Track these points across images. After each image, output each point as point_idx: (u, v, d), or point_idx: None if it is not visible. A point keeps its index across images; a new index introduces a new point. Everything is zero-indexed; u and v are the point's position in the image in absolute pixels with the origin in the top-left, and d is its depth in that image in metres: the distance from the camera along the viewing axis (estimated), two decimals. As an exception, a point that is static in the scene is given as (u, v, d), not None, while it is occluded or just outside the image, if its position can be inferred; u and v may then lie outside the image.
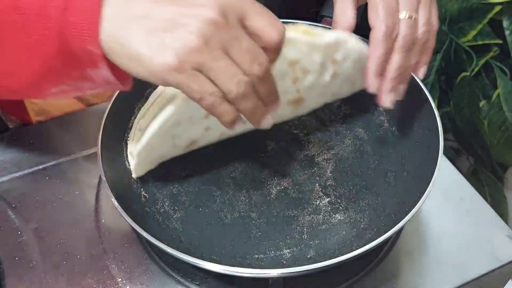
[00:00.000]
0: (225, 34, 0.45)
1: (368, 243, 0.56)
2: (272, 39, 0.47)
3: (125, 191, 0.66)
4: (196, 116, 0.61)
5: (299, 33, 0.59)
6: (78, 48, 0.46)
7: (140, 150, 0.61)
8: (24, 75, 0.49)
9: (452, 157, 1.47)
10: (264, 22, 0.47)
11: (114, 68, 0.47)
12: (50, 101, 0.87)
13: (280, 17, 0.84)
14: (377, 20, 0.57)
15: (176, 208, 0.67)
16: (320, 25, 0.83)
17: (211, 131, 0.65)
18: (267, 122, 0.53)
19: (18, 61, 0.48)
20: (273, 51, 0.49)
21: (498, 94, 1.27)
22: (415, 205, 0.58)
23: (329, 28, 0.82)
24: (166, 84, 0.46)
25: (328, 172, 0.71)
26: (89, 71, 0.48)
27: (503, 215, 1.36)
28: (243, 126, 0.59)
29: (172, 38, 0.43)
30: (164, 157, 0.68)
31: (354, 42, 0.62)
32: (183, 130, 0.62)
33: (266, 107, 0.51)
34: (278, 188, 0.69)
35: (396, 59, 0.59)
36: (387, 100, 0.61)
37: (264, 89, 0.49)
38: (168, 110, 0.57)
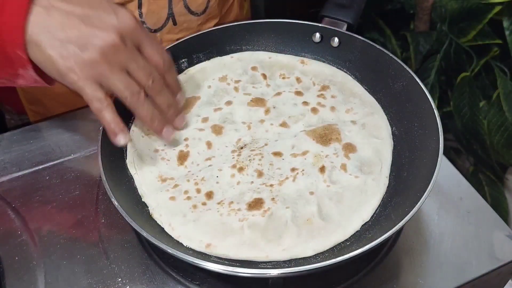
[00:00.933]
0: (123, 55, 0.58)
1: (368, 243, 0.56)
2: (160, 63, 0.63)
3: (125, 191, 0.66)
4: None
5: None
6: (10, 52, 0.57)
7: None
8: None
9: (452, 157, 1.47)
10: (154, 51, 0.62)
11: (39, 70, 0.60)
12: (43, 90, 0.87)
13: (280, 17, 0.84)
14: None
15: (176, 208, 0.67)
16: (321, 25, 0.83)
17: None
18: (168, 133, 0.67)
19: None
20: (161, 72, 0.64)
21: (498, 94, 1.27)
22: (415, 205, 0.58)
23: (330, 28, 0.83)
24: (69, 84, 0.58)
25: (328, 172, 0.71)
26: (21, 71, 0.60)
27: (503, 215, 1.36)
28: None
29: (76, 50, 0.56)
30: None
31: None
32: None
33: (165, 118, 0.66)
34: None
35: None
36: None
37: (161, 101, 0.65)
38: None
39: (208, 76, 0.81)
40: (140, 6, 0.81)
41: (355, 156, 0.70)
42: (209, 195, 0.66)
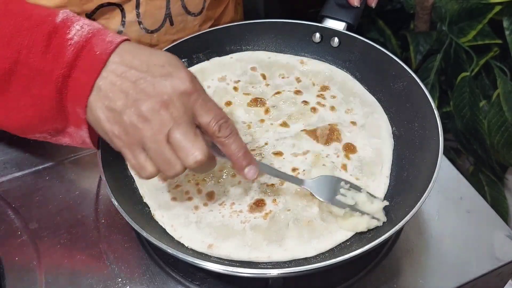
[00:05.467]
0: (165, 121, 0.54)
1: (368, 243, 0.56)
2: (214, 130, 0.57)
3: (125, 191, 0.66)
4: None
5: None
6: (69, 108, 0.57)
7: None
8: (19, 119, 0.60)
9: (452, 157, 1.47)
10: (208, 119, 0.56)
11: (91, 132, 0.59)
12: None
13: (280, 17, 0.84)
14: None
15: (176, 208, 0.67)
16: (321, 25, 0.83)
17: None
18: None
19: (17, 107, 0.58)
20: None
21: (498, 94, 1.27)
22: (415, 205, 0.58)
23: (330, 28, 0.83)
24: (114, 147, 0.57)
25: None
26: (71, 129, 0.60)
27: (503, 215, 1.36)
28: None
29: (119, 115, 0.55)
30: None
31: None
32: None
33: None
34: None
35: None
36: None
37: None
38: None
39: (208, 76, 0.81)
40: (137, 6, 0.80)
41: (356, 156, 0.70)
42: (211, 195, 0.66)
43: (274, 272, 0.56)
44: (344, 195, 0.64)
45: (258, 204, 0.64)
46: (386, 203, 0.63)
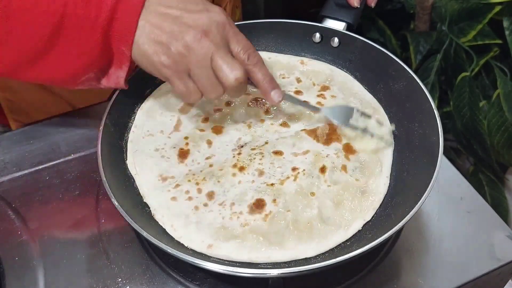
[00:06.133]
0: (207, 49, 0.62)
1: (368, 243, 0.56)
2: (243, 59, 0.64)
3: (125, 191, 0.66)
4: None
5: None
6: (114, 47, 0.62)
7: None
8: (69, 70, 0.64)
9: (452, 157, 1.47)
10: (240, 48, 0.64)
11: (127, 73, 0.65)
12: (26, 99, 0.88)
13: (280, 17, 0.84)
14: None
15: (176, 208, 0.67)
16: (321, 25, 0.83)
17: None
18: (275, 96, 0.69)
19: (67, 59, 0.63)
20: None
21: (498, 94, 1.27)
22: (415, 205, 0.58)
23: (330, 28, 0.82)
24: (165, 79, 0.65)
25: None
26: (112, 70, 0.65)
27: (503, 215, 1.36)
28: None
29: (166, 47, 0.62)
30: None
31: None
32: None
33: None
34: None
35: None
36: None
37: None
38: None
39: None
40: None
41: (355, 157, 0.70)
42: (211, 195, 0.66)
43: (274, 272, 0.56)
44: (356, 120, 0.72)
45: (258, 205, 0.64)
46: (393, 127, 0.73)
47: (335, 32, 0.82)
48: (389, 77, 0.77)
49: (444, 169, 0.71)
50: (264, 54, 0.84)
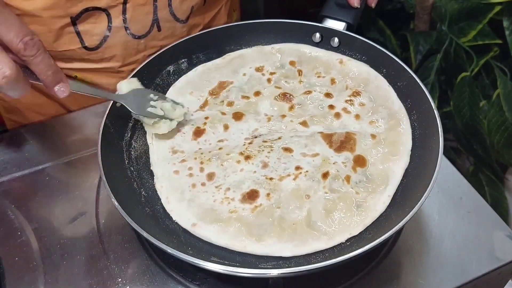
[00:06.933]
0: None
1: (368, 243, 0.56)
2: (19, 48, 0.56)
3: (125, 190, 0.66)
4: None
5: None
6: None
7: None
8: None
9: (452, 157, 1.47)
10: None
11: None
12: (20, 99, 0.87)
13: (280, 17, 0.84)
14: None
15: (176, 208, 0.67)
16: (321, 25, 0.83)
17: None
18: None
19: None
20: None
21: (498, 94, 1.27)
22: (415, 205, 0.58)
23: (330, 28, 0.82)
24: None
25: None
26: None
27: (503, 215, 1.36)
28: None
29: None
30: None
31: None
32: None
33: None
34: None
35: None
36: None
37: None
38: None
39: (246, 63, 0.82)
40: (124, 11, 0.79)
41: (363, 171, 0.68)
42: (211, 176, 0.68)
43: (274, 272, 0.56)
44: (154, 107, 0.71)
45: (251, 195, 0.65)
46: (186, 110, 0.75)
47: (335, 32, 0.82)
48: (389, 77, 0.77)
49: (444, 169, 0.71)
50: (305, 48, 0.84)
